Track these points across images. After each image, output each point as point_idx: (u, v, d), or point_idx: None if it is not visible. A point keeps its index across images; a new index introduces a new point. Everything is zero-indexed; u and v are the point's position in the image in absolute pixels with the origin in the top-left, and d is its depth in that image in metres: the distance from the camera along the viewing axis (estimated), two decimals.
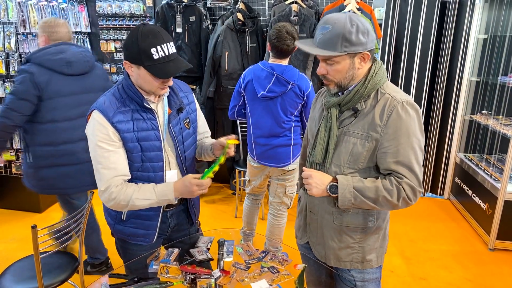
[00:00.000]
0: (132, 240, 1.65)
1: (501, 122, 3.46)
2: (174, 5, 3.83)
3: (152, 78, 1.41)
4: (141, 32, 1.37)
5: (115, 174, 1.45)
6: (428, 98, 4.06)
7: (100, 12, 4.19)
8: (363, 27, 1.28)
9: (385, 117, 1.32)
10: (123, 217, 1.60)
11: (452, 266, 3.01)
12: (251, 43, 3.81)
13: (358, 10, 3.65)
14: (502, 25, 3.57)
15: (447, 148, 4.11)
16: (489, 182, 3.31)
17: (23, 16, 3.38)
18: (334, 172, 1.41)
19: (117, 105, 1.46)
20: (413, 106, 1.34)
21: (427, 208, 4.04)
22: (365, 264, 1.49)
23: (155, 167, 1.54)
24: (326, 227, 1.48)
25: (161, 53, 1.38)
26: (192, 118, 1.67)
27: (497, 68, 3.59)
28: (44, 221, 3.54)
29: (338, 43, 1.27)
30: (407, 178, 1.31)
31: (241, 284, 1.43)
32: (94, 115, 1.45)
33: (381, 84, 1.37)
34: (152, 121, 1.51)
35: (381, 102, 1.35)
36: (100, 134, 1.43)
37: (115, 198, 1.44)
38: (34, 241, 1.69)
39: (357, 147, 1.36)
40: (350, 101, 1.37)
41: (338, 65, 1.32)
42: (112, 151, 1.44)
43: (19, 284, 1.88)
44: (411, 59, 3.95)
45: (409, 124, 1.31)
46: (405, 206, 1.36)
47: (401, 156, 1.31)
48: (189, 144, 1.65)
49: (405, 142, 1.31)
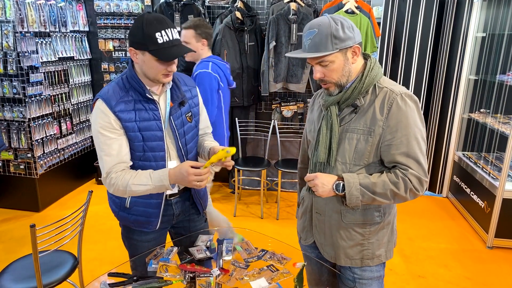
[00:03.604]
0: (136, 227, 1.66)
1: (499, 120, 3.47)
2: (172, 4, 3.82)
3: (156, 63, 1.44)
4: (146, 19, 1.41)
5: (116, 161, 1.48)
6: (426, 97, 4.06)
7: (98, 10, 4.18)
8: (346, 23, 1.32)
9: (385, 110, 1.34)
10: (127, 204, 1.62)
11: (450, 264, 3.02)
12: (250, 41, 3.81)
13: (356, 9, 3.66)
14: (500, 24, 3.57)
15: (445, 146, 4.12)
16: (488, 180, 3.32)
17: (21, 14, 3.37)
18: (340, 170, 1.42)
19: (120, 94, 1.49)
20: (411, 97, 1.35)
21: (426, 207, 4.05)
22: (375, 260, 1.49)
23: (157, 157, 1.56)
24: (334, 226, 1.48)
25: (165, 37, 1.41)
26: (195, 112, 1.69)
27: (495, 67, 3.60)
28: (42, 220, 3.54)
29: (328, 42, 1.30)
30: (412, 168, 1.33)
31: (240, 282, 1.43)
32: (97, 104, 1.49)
33: (378, 79, 1.38)
34: (154, 111, 1.53)
35: (380, 95, 1.36)
36: (102, 122, 1.46)
37: (114, 184, 1.47)
38: (33, 240, 1.69)
39: (360, 143, 1.37)
40: (349, 98, 1.38)
41: (333, 64, 1.33)
42: (114, 139, 1.47)
43: (18, 283, 1.87)
44: (409, 58, 3.96)
45: (410, 115, 1.33)
46: (413, 197, 1.36)
47: (404, 147, 1.32)
48: (191, 138, 1.66)
49: (407, 133, 1.32)
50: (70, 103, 4.13)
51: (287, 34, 3.73)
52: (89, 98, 4.45)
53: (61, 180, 4.03)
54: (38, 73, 3.59)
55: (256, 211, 3.88)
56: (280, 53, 3.78)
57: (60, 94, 3.97)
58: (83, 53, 4.28)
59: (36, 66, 3.57)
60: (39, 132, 3.64)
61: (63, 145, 4.03)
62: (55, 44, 3.85)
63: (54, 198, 3.97)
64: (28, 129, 3.53)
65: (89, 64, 4.42)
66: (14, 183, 3.70)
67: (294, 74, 3.89)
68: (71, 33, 4.08)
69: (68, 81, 4.08)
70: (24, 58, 3.42)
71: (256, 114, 4.31)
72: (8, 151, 3.59)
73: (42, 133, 3.69)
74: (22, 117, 3.50)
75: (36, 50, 3.57)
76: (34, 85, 3.56)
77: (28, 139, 3.55)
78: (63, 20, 3.94)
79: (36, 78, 3.57)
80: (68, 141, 4.13)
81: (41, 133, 3.67)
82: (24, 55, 3.42)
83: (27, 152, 3.58)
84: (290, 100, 4.15)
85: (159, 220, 1.65)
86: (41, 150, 3.70)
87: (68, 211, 1.89)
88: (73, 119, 4.21)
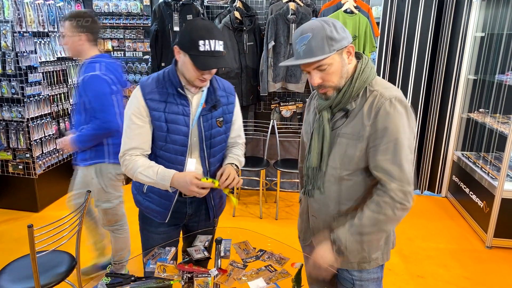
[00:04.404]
0: (147, 213, 1.73)
1: (498, 120, 3.47)
2: (171, 4, 3.81)
3: (192, 68, 1.49)
4: (196, 24, 1.48)
5: (134, 145, 1.58)
6: (425, 96, 4.06)
7: (97, 10, 4.17)
8: (338, 24, 1.29)
9: (372, 115, 1.29)
10: (144, 189, 1.69)
11: (449, 264, 3.02)
12: (249, 41, 3.80)
13: (355, 9, 3.65)
14: (499, 23, 3.57)
15: (444, 146, 4.11)
16: (487, 180, 3.32)
17: (19, 14, 3.36)
18: (331, 174, 1.40)
19: (157, 84, 1.58)
20: (401, 102, 1.29)
21: (425, 206, 4.05)
22: (372, 263, 1.48)
23: (177, 150, 1.60)
24: (329, 230, 1.47)
25: (207, 46, 1.45)
26: (227, 118, 1.70)
27: (494, 66, 3.59)
28: (41, 221, 3.53)
29: (325, 45, 1.26)
30: (394, 177, 1.27)
31: (238, 282, 1.43)
32: (135, 89, 1.59)
33: (369, 81, 1.33)
34: (184, 107, 1.58)
35: (369, 99, 1.31)
36: (133, 107, 1.57)
37: (126, 165, 1.58)
38: (31, 241, 1.69)
39: (350, 148, 1.34)
40: (340, 103, 1.34)
41: (331, 67, 1.29)
42: (139, 125, 1.56)
43: (16, 284, 1.86)
44: (408, 57, 3.96)
45: (398, 121, 1.27)
46: (403, 212, 1.30)
47: (389, 154, 1.27)
48: (217, 142, 1.68)
49: (393, 140, 1.26)
50: (68, 103, 4.12)
51: (286, 34, 3.73)
52: None
53: (59, 180, 4.02)
54: (36, 73, 3.59)
55: (255, 211, 3.88)
56: (279, 53, 3.78)
57: (59, 94, 3.96)
58: None
59: (35, 66, 3.56)
60: (37, 132, 3.64)
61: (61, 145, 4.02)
62: (53, 44, 3.84)
63: (53, 198, 3.96)
64: (27, 129, 3.53)
65: None
66: (13, 183, 3.70)
67: (293, 74, 3.88)
68: None
69: (66, 81, 4.08)
70: (23, 58, 3.42)
71: (255, 114, 4.31)
72: (6, 151, 3.58)
73: (41, 133, 3.68)
74: (21, 117, 3.49)
75: (35, 50, 3.56)
76: (33, 85, 3.55)
77: (27, 139, 3.55)
78: (62, 20, 3.93)
79: (35, 78, 3.57)
80: None
81: (39, 133, 3.66)
82: (22, 55, 3.42)
83: (26, 152, 3.58)
84: (289, 100, 4.14)
85: (169, 213, 1.69)
86: (40, 150, 3.69)
87: (66, 211, 1.89)
88: (72, 119, 4.20)
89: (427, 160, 4.22)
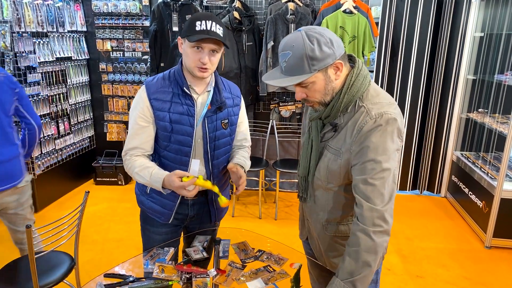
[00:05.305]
0: (150, 214, 1.72)
1: (498, 120, 3.47)
2: (170, 4, 3.81)
3: (190, 51, 1.49)
4: (198, 13, 1.52)
5: (135, 145, 1.59)
6: (424, 96, 4.07)
7: (96, 10, 4.17)
8: (324, 39, 1.18)
9: (355, 132, 1.23)
10: (147, 190, 1.69)
11: (449, 264, 3.02)
12: (248, 41, 3.80)
13: (354, 9, 3.65)
14: (498, 23, 3.57)
15: (443, 146, 4.12)
16: (486, 180, 3.32)
17: (18, 14, 3.36)
18: (317, 186, 1.39)
19: (162, 84, 1.58)
20: (387, 121, 1.20)
21: (424, 206, 4.05)
22: None
23: (181, 151, 1.59)
24: (320, 236, 1.46)
25: (203, 26, 1.45)
26: (232, 120, 1.69)
27: (494, 66, 3.60)
28: (40, 221, 3.52)
29: (304, 64, 1.18)
30: (368, 198, 1.20)
31: (237, 283, 1.43)
32: (141, 89, 1.60)
33: (359, 95, 1.26)
34: (189, 107, 1.57)
35: (356, 116, 1.25)
36: (138, 107, 1.57)
37: (126, 164, 1.60)
38: (29, 241, 1.68)
39: (331, 162, 1.31)
40: (328, 116, 1.29)
41: (314, 85, 1.23)
42: (141, 126, 1.58)
43: (14, 285, 1.86)
44: (407, 58, 3.96)
45: (378, 141, 1.20)
46: (382, 235, 1.20)
47: (365, 174, 1.20)
48: (222, 144, 1.67)
49: (370, 160, 1.20)
50: (68, 103, 4.12)
51: (285, 34, 3.73)
52: (87, 98, 4.44)
53: (59, 180, 4.02)
54: (35, 73, 3.58)
55: (254, 211, 3.88)
56: (278, 53, 3.77)
57: (58, 95, 3.96)
58: (81, 53, 4.27)
59: (34, 66, 3.56)
60: None
61: (61, 145, 4.02)
62: (52, 44, 3.84)
63: (52, 199, 3.96)
64: None
65: (87, 64, 4.41)
66: None
67: None
68: (69, 33, 4.07)
69: (66, 82, 4.07)
70: (22, 58, 3.41)
71: (254, 114, 4.31)
72: None
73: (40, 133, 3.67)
74: None
75: (34, 50, 3.56)
76: (32, 86, 3.55)
77: None
78: (60, 20, 3.93)
79: (34, 78, 3.56)
80: (66, 142, 4.12)
81: None
82: (21, 55, 3.41)
83: None
84: (288, 100, 4.14)
85: (172, 214, 1.68)
86: (39, 150, 3.69)
87: (66, 211, 1.88)
88: (71, 119, 4.20)
89: (426, 160, 4.22)
